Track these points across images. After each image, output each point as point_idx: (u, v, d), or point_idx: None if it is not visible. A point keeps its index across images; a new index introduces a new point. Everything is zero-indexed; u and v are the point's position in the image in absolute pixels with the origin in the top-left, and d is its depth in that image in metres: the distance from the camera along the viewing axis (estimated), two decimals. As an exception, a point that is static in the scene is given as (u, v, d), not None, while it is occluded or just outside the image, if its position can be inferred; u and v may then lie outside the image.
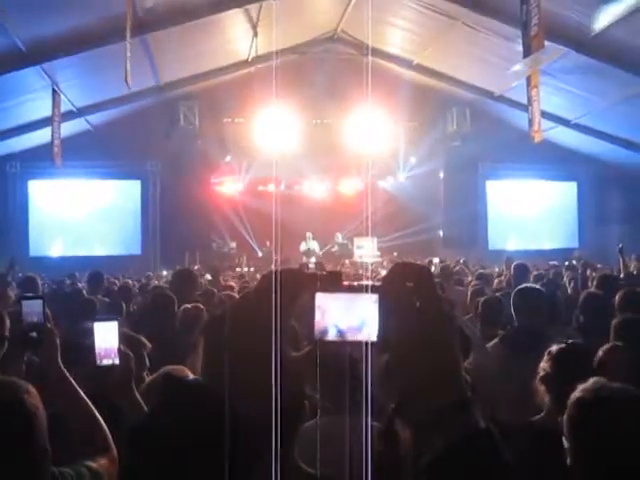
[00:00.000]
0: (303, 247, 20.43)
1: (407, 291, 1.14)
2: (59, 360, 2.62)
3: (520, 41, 10.87)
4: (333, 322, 1.16)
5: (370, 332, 1.17)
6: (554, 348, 3.28)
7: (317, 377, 1.22)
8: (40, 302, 2.82)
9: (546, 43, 11.01)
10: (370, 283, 1.20)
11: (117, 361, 2.73)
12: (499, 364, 4.33)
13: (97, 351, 2.76)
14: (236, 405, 1.16)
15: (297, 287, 1.24)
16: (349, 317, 1.18)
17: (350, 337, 1.19)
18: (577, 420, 2.04)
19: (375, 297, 1.15)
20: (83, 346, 2.89)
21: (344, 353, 1.23)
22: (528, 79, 13.51)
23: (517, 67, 11.57)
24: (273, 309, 1.19)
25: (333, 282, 1.20)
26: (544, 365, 3.25)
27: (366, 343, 1.14)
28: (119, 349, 2.74)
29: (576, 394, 2.09)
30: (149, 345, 3.59)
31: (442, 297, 1.18)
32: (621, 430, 1.95)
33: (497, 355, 4.48)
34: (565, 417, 2.05)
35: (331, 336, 1.19)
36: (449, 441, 1.03)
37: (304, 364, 1.25)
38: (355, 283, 1.21)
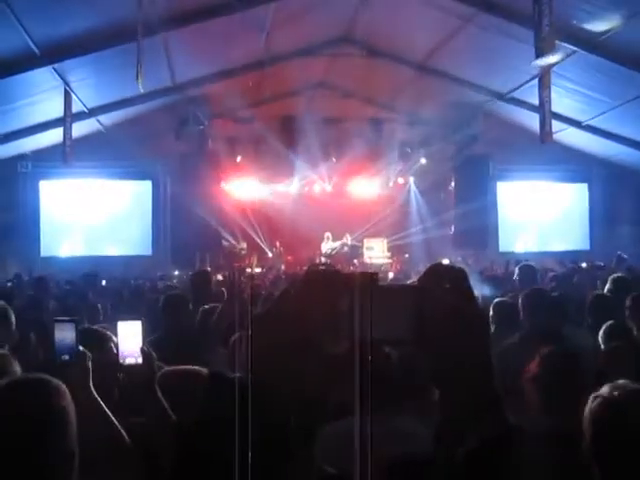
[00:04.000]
0: (324, 247, 20.44)
1: (443, 292, 1.15)
2: (90, 384, 2.61)
3: (532, 42, 10.84)
4: (369, 321, 1.17)
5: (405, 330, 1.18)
6: (544, 350, 3.30)
7: (355, 377, 1.22)
8: (72, 325, 2.81)
9: (558, 44, 11.00)
10: (407, 284, 1.22)
11: (140, 360, 2.74)
12: (514, 363, 4.33)
13: (120, 350, 2.77)
14: (278, 402, 1.17)
15: (336, 287, 1.24)
16: (384, 317, 1.18)
17: (386, 336, 1.20)
18: (596, 421, 2.02)
19: (411, 296, 1.17)
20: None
21: (383, 353, 1.25)
22: (540, 80, 13.49)
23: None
24: (314, 309, 1.20)
25: (370, 283, 1.21)
26: (532, 367, 3.26)
27: (401, 340, 1.16)
28: (142, 349, 2.75)
29: (595, 396, 2.08)
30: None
31: (476, 298, 1.19)
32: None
33: (513, 354, 4.48)
34: (589, 418, 2.04)
35: (369, 336, 1.20)
36: (482, 438, 1.03)
37: (344, 363, 1.26)
38: (393, 284, 1.23)
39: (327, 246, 20.62)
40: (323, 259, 19.74)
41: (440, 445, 1.17)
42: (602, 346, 4.33)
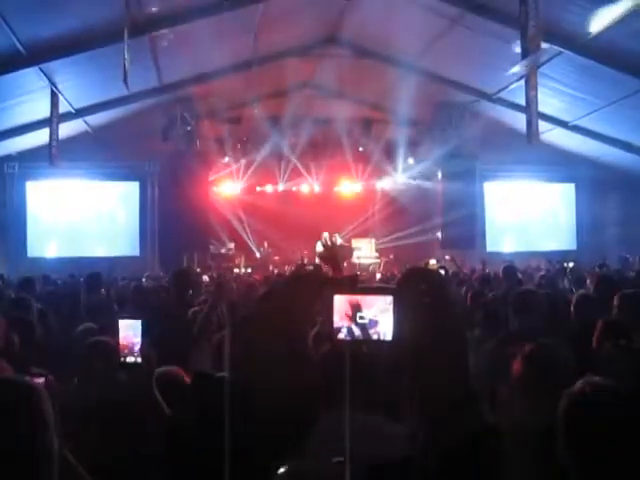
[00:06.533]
0: (319, 248, 20.30)
1: (420, 293, 1.17)
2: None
3: (518, 42, 10.87)
4: (350, 322, 1.19)
5: (385, 332, 1.21)
6: (525, 348, 3.31)
7: (335, 375, 1.25)
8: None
9: (544, 44, 11.04)
10: (385, 286, 1.24)
11: (139, 359, 2.74)
12: (495, 366, 4.36)
13: (121, 348, 2.77)
14: (261, 400, 1.19)
15: (317, 289, 1.27)
16: (365, 318, 1.21)
17: (366, 336, 1.22)
18: (565, 418, 2.05)
19: (390, 299, 1.19)
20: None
21: (360, 352, 1.26)
22: (526, 80, 13.52)
23: (516, 68, 11.56)
24: (295, 310, 1.22)
25: (350, 284, 1.24)
26: (516, 366, 3.27)
27: (381, 342, 1.17)
28: (142, 348, 2.74)
29: (566, 392, 2.11)
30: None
31: (453, 299, 1.21)
32: (608, 427, 1.97)
33: (494, 357, 4.51)
34: (560, 415, 2.07)
35: (348, 335, 1.22)
36: (459, 437, 1.05)
37: (323, 362, 1.28)
38: (371, 286, 1.25)
39: (321, 246, 20.52)
40: (317, 259, 19.63)
41: (416, 444, 1.19)
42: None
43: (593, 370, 3.80)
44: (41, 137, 16.08)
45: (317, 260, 19.33)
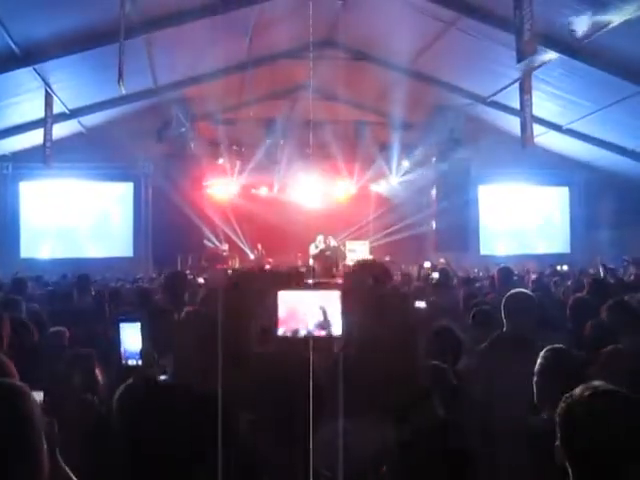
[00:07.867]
0: (313, 250, 20.20)
1: (368, 288, 1.17)
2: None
3: (513, 46, 10.89)
4: (296, 319, 1.19)
5: (333, 327, 1.20)
6: (542, 354, 3.32)
7: (275, 373, 1.24)
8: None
9: (539, 48, 11.07)
10: (332, 280, 1.24)
11: (140, 362, 2.72)
12: (487, 367, 4.36)
13: (123, 351, 2.75)
14: (206, 403, 1.18)
15: (261, 286, 1.27)
16: (312, 313, 1.20)
17: (314, 333, 1.21)
18: (564, 421, 2.06)
19: (337, 294, 1.18)
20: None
21: (305, 350, 1.25)
22: (521, 84, 13.56)
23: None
24: (237, 309, 1.21)
25: (296, 280, 1.23)
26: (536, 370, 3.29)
27: (330, 338, 1.17)
28: (142, 351, 2.73)
29: (566, 396, 2.11)
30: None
31: (404, 293, 1.21)
32: (607, 431, 1.97)
33: (486, 359, 4.50)
34: (559, 418, 2.07)
35: (294, 332, 1.22)
36: (412, 430, 1.05)
37: (268, 362, 1.27)
38: (316, 281, 1.25)
39: (314, 249, 20.42)
40: (311, 261, 19.56)
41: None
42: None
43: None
44: (35, 138, 16.04)
45: (311, 261, 19.32)
